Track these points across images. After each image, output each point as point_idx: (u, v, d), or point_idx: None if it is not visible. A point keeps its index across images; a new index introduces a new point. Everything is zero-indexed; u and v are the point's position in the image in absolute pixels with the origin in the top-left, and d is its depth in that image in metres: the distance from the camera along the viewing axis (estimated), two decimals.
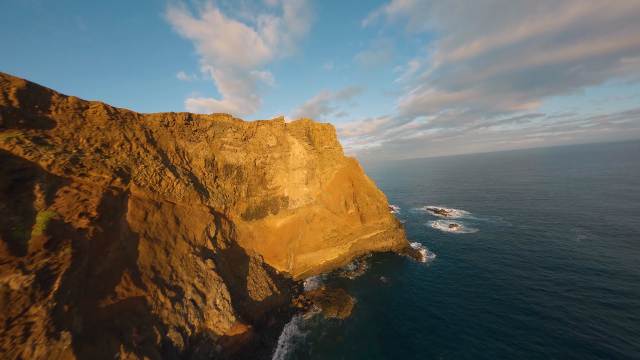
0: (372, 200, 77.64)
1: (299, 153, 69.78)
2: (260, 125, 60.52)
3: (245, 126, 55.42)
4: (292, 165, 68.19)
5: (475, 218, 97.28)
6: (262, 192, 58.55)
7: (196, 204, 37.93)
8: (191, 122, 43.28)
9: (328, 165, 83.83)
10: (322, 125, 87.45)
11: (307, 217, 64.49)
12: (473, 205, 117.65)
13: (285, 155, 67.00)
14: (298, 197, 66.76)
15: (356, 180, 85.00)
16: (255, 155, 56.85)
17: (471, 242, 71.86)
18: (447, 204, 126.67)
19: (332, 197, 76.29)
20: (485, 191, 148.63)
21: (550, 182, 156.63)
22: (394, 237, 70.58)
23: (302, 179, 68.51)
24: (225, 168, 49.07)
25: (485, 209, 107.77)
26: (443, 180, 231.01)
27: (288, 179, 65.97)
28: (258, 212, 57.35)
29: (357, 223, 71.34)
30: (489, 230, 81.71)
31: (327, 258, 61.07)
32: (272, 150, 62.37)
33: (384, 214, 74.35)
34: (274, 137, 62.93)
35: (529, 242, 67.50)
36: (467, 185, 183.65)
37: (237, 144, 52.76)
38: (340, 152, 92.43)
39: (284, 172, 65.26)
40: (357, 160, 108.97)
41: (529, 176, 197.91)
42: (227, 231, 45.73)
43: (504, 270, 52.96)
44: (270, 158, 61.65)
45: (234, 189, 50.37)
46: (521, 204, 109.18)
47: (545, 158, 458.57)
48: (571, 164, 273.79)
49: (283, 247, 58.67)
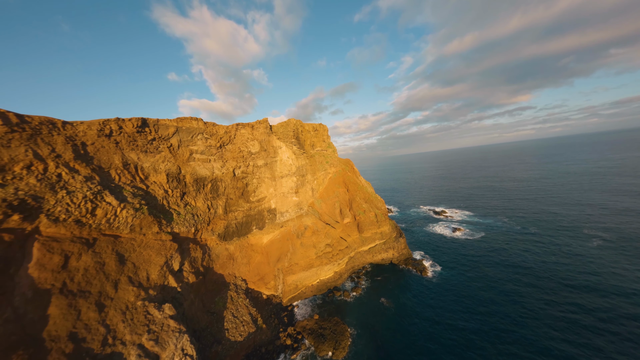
0: (369, 206, 71.01)
1: (287, 158, 62.31)
2: (239, 129, 52.69)
3: (221, 131, 47.58)
4: (280, 172, 60.74)
5: (479, 220, 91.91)
6: (245, 205, 51.05)
7: (152, 232, 30.47)
8: (146, 129, 35.34)
9: (321, 170, 76.62)
10: (313, 126, 79.95)
11: (298, 230, 57.38)
12: (474, 204, 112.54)
13: (271, 162, 59.46)
14: (287, 208, 59.51)
15: (352, 184, 78.17)
16: (234, 164, 49.15)
17: (478, 251, 66.07)
18: (447, 203, 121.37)
19: (326, 205, 69.33)
20: (485, 189, 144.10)
21: (550, 177, 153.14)
22: (395, 248, 64.20)
23: (291, 188, 61.20)
24: (195, 182, 41.42)
25: (488, 209, 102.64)
26: (440, 177, 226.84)
27: (275, 189, 58.54)
28: (240, 229, 49.92)
29: (354, 234, 64.65)
30: (496, 235, 76.22)
31: (321, 277, 54.28)
32: (254, 157, 54.71)
33: (383, 222, 67.82)
34: (257, 142, 55.23)
35: (542, 250, 61.82)
36: (465, 182, 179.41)
37: (210, 152, 45.00)
38: (334, 154, 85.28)
39: (270, 180, 57.77)
40: (352, 161, 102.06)
41: (527, 171, 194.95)
42: (198, 259, 38.29)
43: (522, 291, 46.40)
44: (252, 166, 54.02)
45: (208, 206, 42.81)
46: (525, 203, 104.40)
47: (538, 150, 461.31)
48: (566, 156, 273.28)
49: (270, 268, 51.56)
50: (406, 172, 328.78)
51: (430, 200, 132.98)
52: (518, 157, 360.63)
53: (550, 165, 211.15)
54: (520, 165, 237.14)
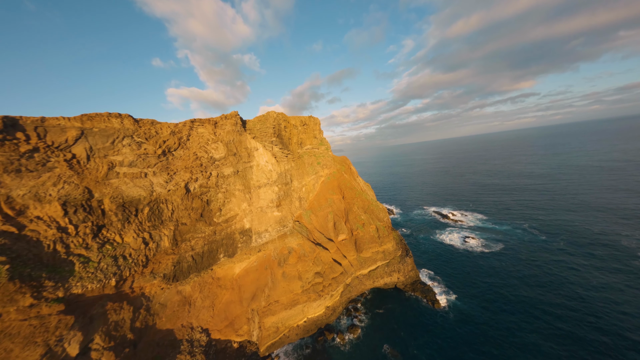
0: (369, 218, 59.13)
1: (266, 163, 49.42)
2: (196, 128, 39.33)
3: (165, 131, 34.39)
4: (256, 181, 48.06)
5: (493, 226, 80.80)
6: (206, 230, 38.75)
7: (16, 308, 18.59)
8: (18, 135, 22.40)
9: (311, 173, 63.83)
10: (301, 120, 66.24)
11: (280, 255, 45.59)
12: (484, 206, 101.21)
13: (245, 169, 46.61)
14: (266, 226, 47.37)
15: (348, 189, 65.80)
16: (186, 176, 36.31)
17: (500, 270, 55.09)
18: (453, 204, 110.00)
19: (317, 217, 57.28)
20: (494, 187, 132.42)
21: (563, 173, 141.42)
22: (401, 271, 52.96)
23: (271, 200, 48.78)
24: (122, 208, 28.94)
25: (501, 212, 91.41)
26: (443, 172, 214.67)
27: (250, 203, 46.09)
28: (200, 261, 37.90)
29: (351, 254, 53.14)
30: (517, 247, 65.21)
31: (309, 315, 43.17)
32: (219, 164, 41.76)
33: (385, 238, 56.20)
34: (222, 145, 42.07)
35: (581, 272, 50.25)
36: (471, 177, 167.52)
37: (147, 162, 32.15)
38: (327, 153, 72.18)
39: (243, 193, 45.17)
40: (349, 159, 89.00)
41: (535, 164, 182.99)
42: (125, 322, 26.47)
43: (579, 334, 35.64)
44: (216, 177, 41.20)
45: (145, 240, 30.56)
46: (541, 205, 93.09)
47: (541, 140, 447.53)
48: (573, 146, 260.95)
49: (243, 308, 40.14)
50: (406, 165, 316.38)
51: (435, 200, 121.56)
52: (521, 147, 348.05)
53: (559, 158, 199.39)
54: (526, 158, 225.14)
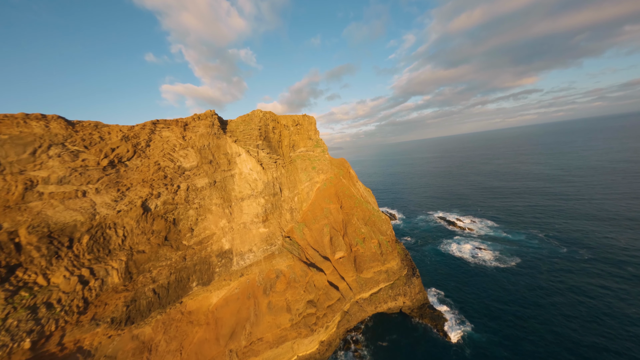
0: (370, 231, 52.22)
1: (250, 171, 42.34)
2: (159, 131, 32.20)
3: (114, 137, 27.35)
4: (238, 192, 41.04)
5: (505, 235, 73.91)
6: (172, 256, 31.84)
7: None
8: None
9: (304, 180, 56.80)
10: (294, 119, 58.97)
11: (266, 280, 38.78)
12: (494, 211, 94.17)
13: (225, 179, 39.56)
14: (250, 246, 40.46)
15: (347, 197, 58.80)
16: (144, 192, 29.28)
17: (519, 292, 48.24)
18: (460, 208, 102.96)
19: (311, 231, 50.40)
20: (503, 189, 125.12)
21: (576, 175, 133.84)
22: (407, 295, 46.15)
23: (256, 214, 41.80)
24: (46, 240, 22.05)
25: (513, 219, 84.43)
26: (446, 172, 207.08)
27: (230, 220, 39.10)
28: (165, 295, 31.08)
29: (350, 274, 46.32)
30: (535, 261, 58.37)
31: (300, 352, 36.49)
32: (189, 174, 34.71)
33: (389, 255, 49.35)
34: (194, 151, 34.96)
35: (615, 297, 43.12)
36: (476, 178, 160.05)
37: (84, 178, 25.15)
38: (324, 156, 65.02)
39: (221, 208, 38.16)
40: (348, 162, 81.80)
41: (543, 164, 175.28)
42: None
43: None
44: (186, 190, 34.17)
45: (83, 277, 23.71)
46: (557, 210, 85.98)
47: (545, 137, 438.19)
48: (580, 144, 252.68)
49: (220, 348, 33.43)
50: (407, 164, 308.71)
51: (439, 204, 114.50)
52: (525, 145, 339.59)
53: (567, 157, 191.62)
54: (532, 157, 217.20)
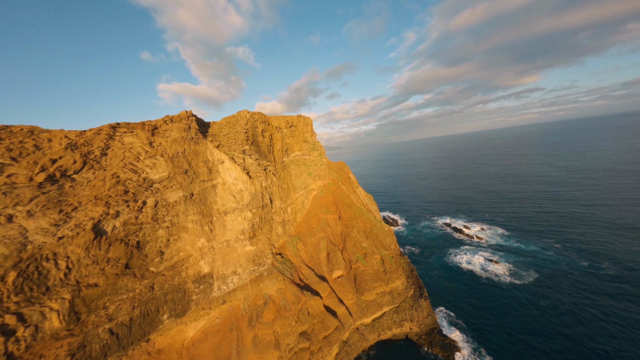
0: (372, 245, 46.84)
1: (235, 180, 37.01)
2: (120, 137, 26.88)
3: (55, 145, 22.05)
4: (221, 205, 35.72)
5: (518, 245, 68.40)
6: (136, 286, 26.58)
7: None
8: None
9: (299, 188, 51.50)
10: (287, 120, 53.65)
11: (252, 308, 33.46)
12: (503, 217, 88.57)
13: (205, 190, 34.26)
14: (234, 267, 35.14)
15: (346, 207, 53.44)
16: (97, 211, 23.98)
17: (541, 315, 42.66)
18: (466, 214, 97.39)
19: (306, 246, 45.07)
20: (511, 194, 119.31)
21: (588, 177, 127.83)
22: (414, 319, 40.71)
23: (242, 231, 36.48)
24: None
25: (524, 226, 78.86)
26: (449, 175, 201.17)
27: (211, 238, 33.78)
28: (127, 334, 25.79)
29: (349, 296, 40.94)
30: (554, 276, 52.88)
31: None
32: (159, 187, 29.41)
33: (394, 273, 43.95)
34: (164, 160, 29.65)
35: None
36: (482, 181, 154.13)
37: (10, 199, 19.91)
38: (321, 160, 59.70)
39: (199, 225, 32.85)
40: (347, 166, 76.46)
41: (553, 166, 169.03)
42: None
43: None
44: (154, 207, 28.85)
45: (7, 327, 18.55)
46: (571, 218, 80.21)
47: (549, 136, 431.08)
48: (586, 144, 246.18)
49: None
50: (408, 165, 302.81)
51: (444, 209, 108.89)
52: (530, 145, 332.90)
53: (575, 157, 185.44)
54: (538, 158, 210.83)
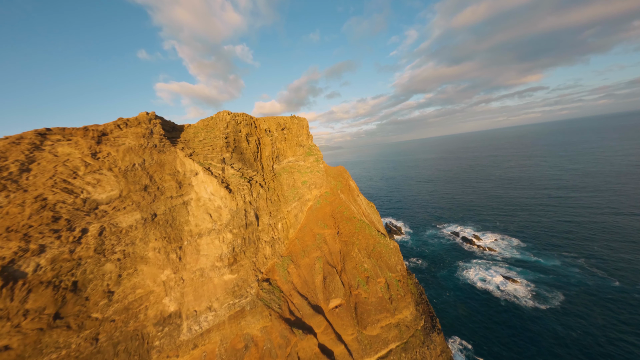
0: (375, 266, 40.47)
1: (211, 196, 30.84)
2: (53, 147, 20.82)
3: None
4: (194, 227, 29.53)
5: (537, 260, 61.78)
6: (71, 340, 20.50)
7: None
8: None
9: (292, 199, 45.33)
10: (279, 122, 47.51)
11: (230, 355, 27.23)
12: (516, 226, 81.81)
13: (173, 209, 28.10)
14: (209, 302, 28.92)
15: (346, 220, 47.14)
16: (10, 248, 17.94)
17: (579, 352, 36.18)
18: (475, 222, 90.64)
19: (299, 269, 38.81)
20: (522, 200, 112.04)
21: (606, 182, 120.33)
22: (425, 358, 34.32)
23: (218, 257, 30.27)
24: None
25: (541, 237, 72.13)
26: (453, 177, 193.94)
27: (179, 268, 27.59)
28: None
29: (349, 331, 34.62)
30: (583, 298, 46.33)
31: None
32: (106, 211, 23.30)
33: (401, 301, 37.56)
34: (113, 175, 23.54)
35: None
36: (488, 186, 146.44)
37: None
38: (317, 166, 53.47)
39: (163, 253, 26.66)
40: (347, 171, 70.03)
41: (562, 169, 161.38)
42: None
43: None
44: (99, 236, 22.71)
45: None
46: (591, 229, 73.32)
47: (554, 137, 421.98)
48: (595, 145, 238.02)
49: None
50: (411, 166, 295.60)
51: (451, 215, 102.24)
52: (535, 145, 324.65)
53: (586, 159, 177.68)
54: (546, 160, 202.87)
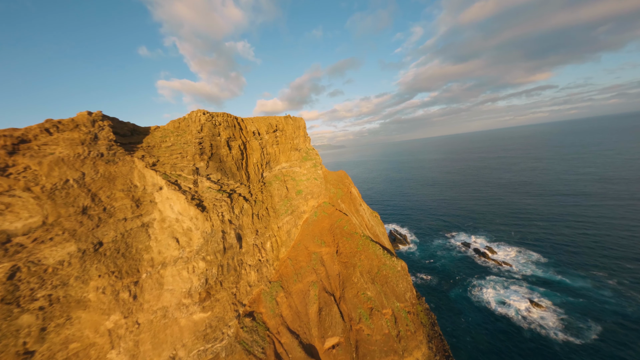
0: (380, 294, 34.32)
1: (179, 216, 24.91)
2: None
3: None
4: (156, 254, 23.65)
5: (562, 279, 54.93)
6: None
7: None
8: None
9: (284, 212, 39.34)
10: (270, 123, 41.38)
11: None
12: (534, 238, 74.60)
13: (126, 235, 22.24)
14: (173, 349, 23.05)
15: (347, 236, 41.00)
16: None
17: None
18: (488, 233, 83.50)
19: (291, 297, 32.91)
20: (538, 209, 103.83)
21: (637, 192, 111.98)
22: None
23: (186, 292, 24.37)
24: None
25: (563, 252, 65.04)
26: (460, 180, 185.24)
27: (129, 311, 21.71)
28: None
29: None
30: (621, 331, 39.57)
31: None
32: (22, 245, 17.47)
33: (411, 339, 31.39)
34: (32, 197, 17.68)
35: None
36: (498, 191, 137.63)
37: None
38: (315, 172, 47.41)
39: (110, 293, 20.80)
40: (349, 177, 63.74)
41: (578, 172, 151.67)
42: None
43: None
44: (11, 280, 16.88)
45: None
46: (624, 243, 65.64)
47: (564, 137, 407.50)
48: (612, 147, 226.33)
49: None
50: (415, 168, 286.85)
51: (458, 222, 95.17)
52: (544, 146, 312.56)
53: (602, 162, 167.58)
54: (559, 162, 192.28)
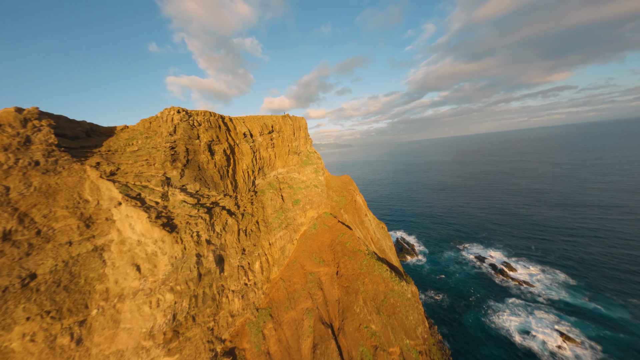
0: (387, 327, 29.18)
1: (141, 238, 20.40)
2: None
3: None
4: (113, 284, 19.30)
5: (595, 306, 48.13)
6: None
7: None
8: None
9: (278, 226, 34.67)
10: (265, 123, 36.59)
11: None
12: (557, 253, 67.38)
13: (73, 262, 17.94)
14: None
15: (349, 254, 36.02)
16: None
17: None
18: (505, 246, 76.35)
19: (281, 328, 28.23)
20: (558, 219, 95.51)
21: None
22: None
23: (147, 332, 19.90)
24: None
25: (592, 273, 57.79)
26: (472, 185, 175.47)
27: (71, 359, 17.38)
28: None
29: None
30: None
31: None
32: None
33: None
34: None
35: None
36: (515, 199, 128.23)
37: None
38: (316, 178, 42.43)
39: (43, 340, 16.52)
40: (354, 182, 58.41)
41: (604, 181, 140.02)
42: None
43: None
44: None
45: None
46: None
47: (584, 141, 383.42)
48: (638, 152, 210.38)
49: None
50: (423, 170, 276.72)
51: (471, 233, 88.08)
52: (564, 150, 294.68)
53: (631, 170, 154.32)
54: (581, 169, 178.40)
